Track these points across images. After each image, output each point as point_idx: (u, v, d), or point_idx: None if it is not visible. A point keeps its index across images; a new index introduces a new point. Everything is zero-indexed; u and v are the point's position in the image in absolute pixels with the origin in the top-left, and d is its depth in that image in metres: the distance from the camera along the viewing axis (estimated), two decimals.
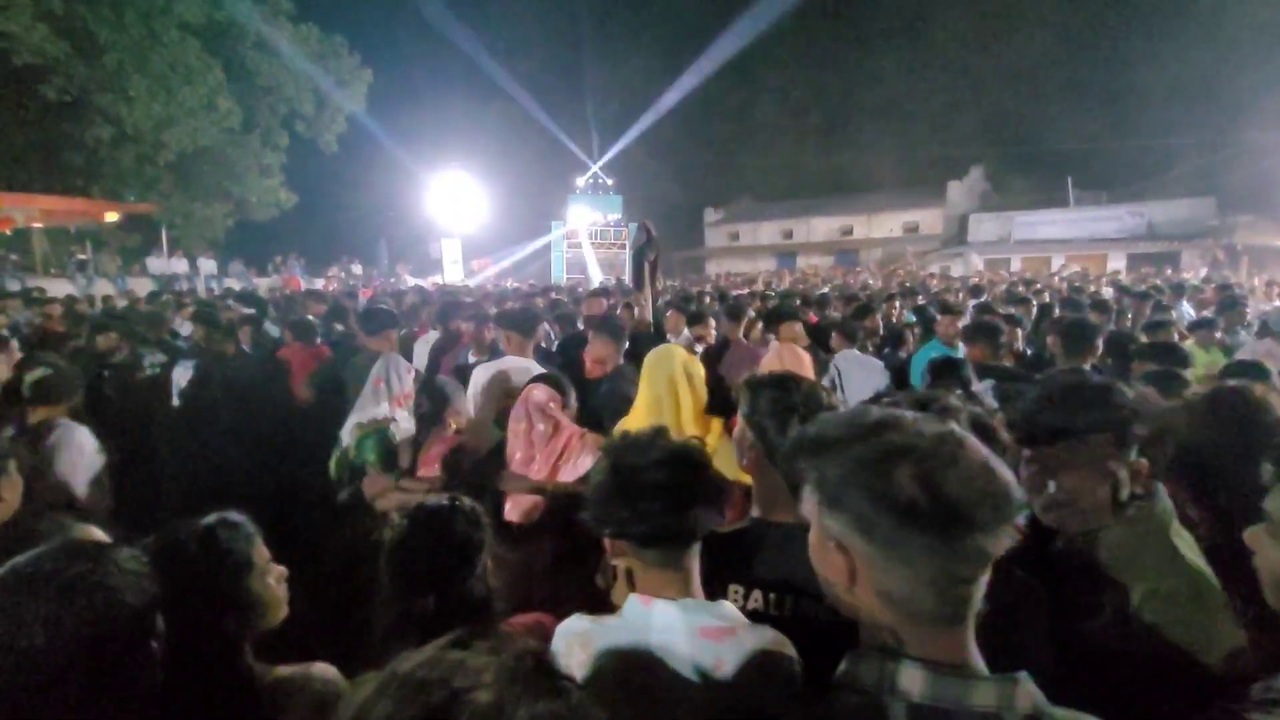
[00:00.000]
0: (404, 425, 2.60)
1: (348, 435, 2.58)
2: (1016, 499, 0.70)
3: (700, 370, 2.24)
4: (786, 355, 2.60)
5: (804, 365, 2.52)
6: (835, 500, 0.73)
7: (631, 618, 0.99)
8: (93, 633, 0.77)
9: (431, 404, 2.57)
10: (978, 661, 0.73)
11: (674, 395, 2.10)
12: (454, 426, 2.56)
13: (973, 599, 0.71)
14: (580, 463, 2.18)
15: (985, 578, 0.71)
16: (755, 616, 1.15)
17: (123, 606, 0.81)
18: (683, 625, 0.96)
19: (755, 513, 1.33)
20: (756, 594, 1.17)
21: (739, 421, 1.40)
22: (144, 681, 0.83)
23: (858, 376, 3.73)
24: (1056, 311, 5.67)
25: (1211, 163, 26.40)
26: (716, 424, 2.14)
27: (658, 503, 0.99)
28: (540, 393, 2.30)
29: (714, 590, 1.12)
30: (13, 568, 0.80)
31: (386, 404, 2.59)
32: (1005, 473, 0.70)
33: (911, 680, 0.70)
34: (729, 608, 1.03)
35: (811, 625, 1.14)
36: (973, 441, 0.72)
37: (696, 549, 1.06)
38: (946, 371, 2.53)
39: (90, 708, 0.78)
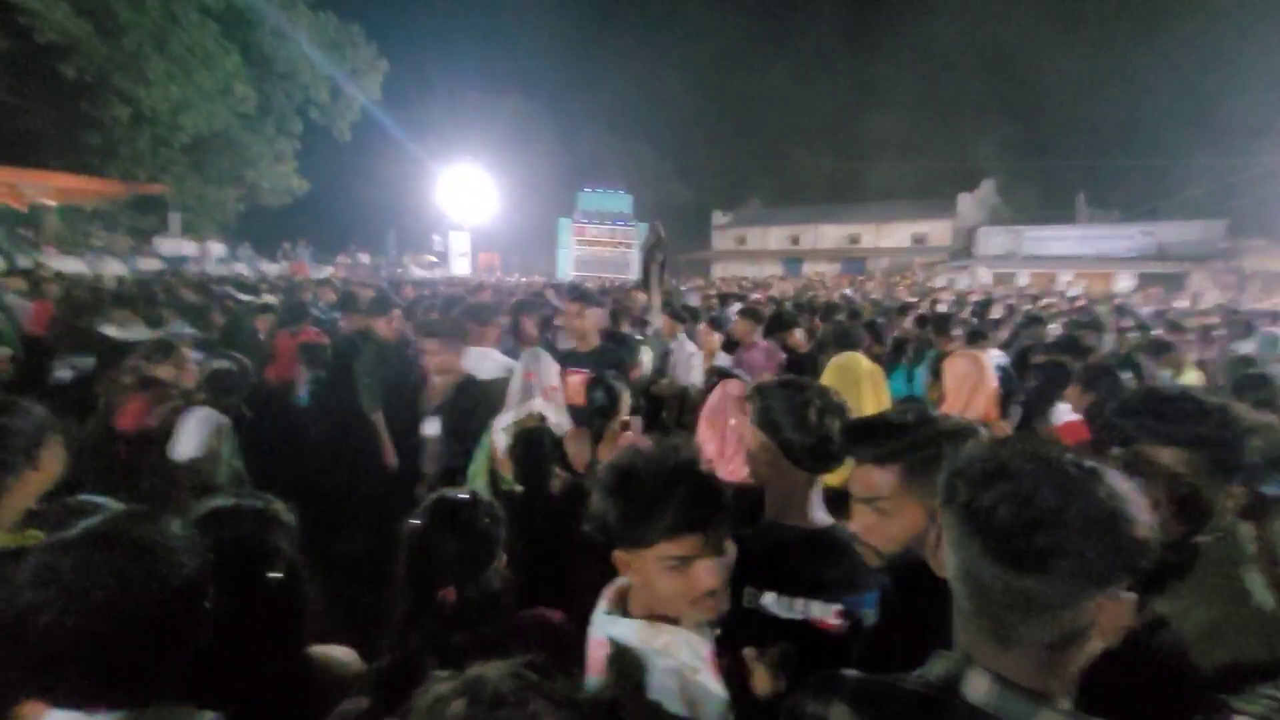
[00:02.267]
0: (551, 419, 2.49)
1: (502, 433, 2.47)
2: (1110, 563, 0.64)
3: (883, 378, 2.40)
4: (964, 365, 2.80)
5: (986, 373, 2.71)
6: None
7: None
8: (158, 588, 0.84)
9: (607, 399, 2.35)
10: (1058, 691, 0.70)
11: (858, 400, 2.15)
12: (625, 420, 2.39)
13: (1027, 630, 0.68)
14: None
15: (1058, 623, 0.66)
16: (766, 619, 1.19)
17: (182, 567, 0.88)
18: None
19: (769, 516, 1.36)
20: (769, 596, 1.20)
21: (748, 429, 1.42)
22: (198, 637, 0.91)
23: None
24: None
25: (1224, 186, 26.29)
26: None
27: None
28: (736, 386, 2.22)
29: (732, 591, 1.14)
30: (85, 528, 0.86)
31: (539, 398, 2.50)
32: (1122, 533, 0.64)
33: (978, 687, 0.71)
34: None
35: (822, 628, 1.17)
36: (1108, 494, 0.65)
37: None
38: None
39: (150, 658, 0.85)
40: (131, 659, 0.84)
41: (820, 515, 1.35)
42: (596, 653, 1.04)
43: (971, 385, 2.93)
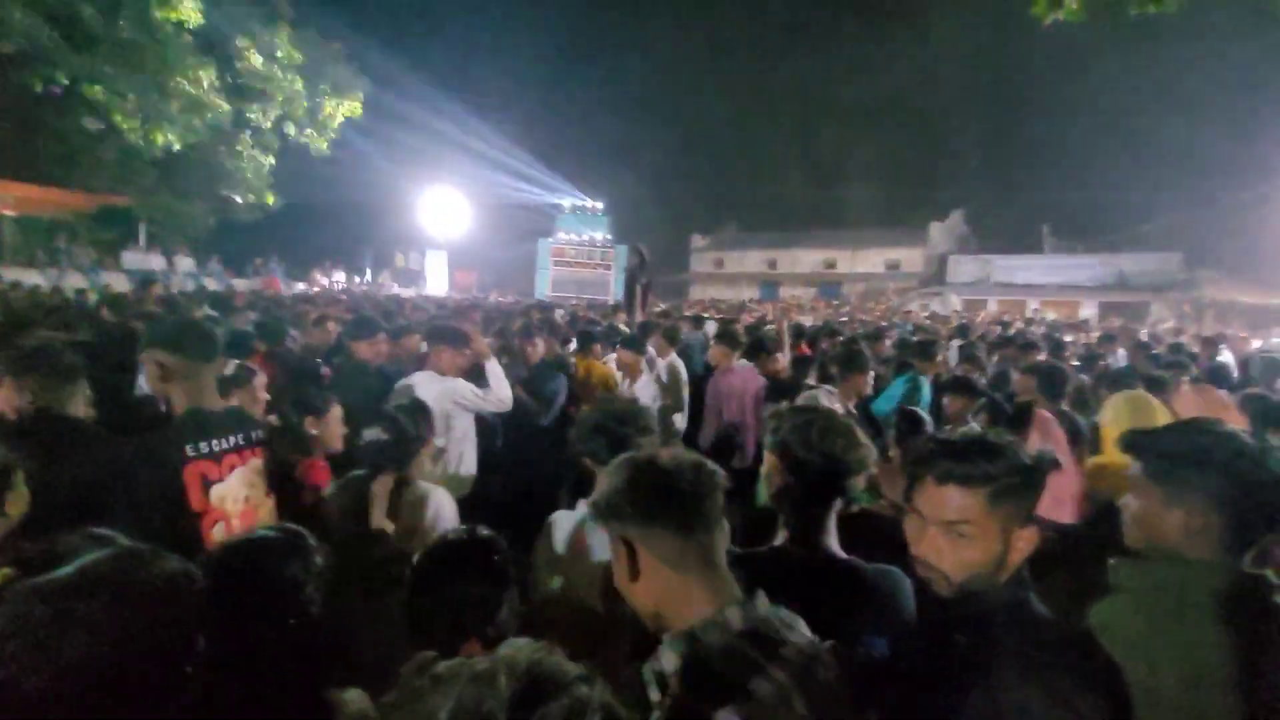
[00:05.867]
0: None
1: None
2: None
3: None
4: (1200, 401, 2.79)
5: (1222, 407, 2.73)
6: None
7: None
8: (139, 645, 0.75)
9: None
10: None
11: None
12: None
13: None
14: None
15: None
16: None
17: (170, 619, 0.79)
18: None
19: (779, 540, 1.35)
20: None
21: (767, 454, 1.43)
22: (181, 697, 0.81)
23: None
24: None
25: (1180, 219, 27.53)
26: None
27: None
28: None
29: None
30: (68, 571, 0.77)
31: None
32: None
33: None
34: None
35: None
36: None
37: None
38: None
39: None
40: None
41: (833, 544, 1.34)
42: None
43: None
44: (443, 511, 1.97)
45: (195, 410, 1.69)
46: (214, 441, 1.67)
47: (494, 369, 3.14)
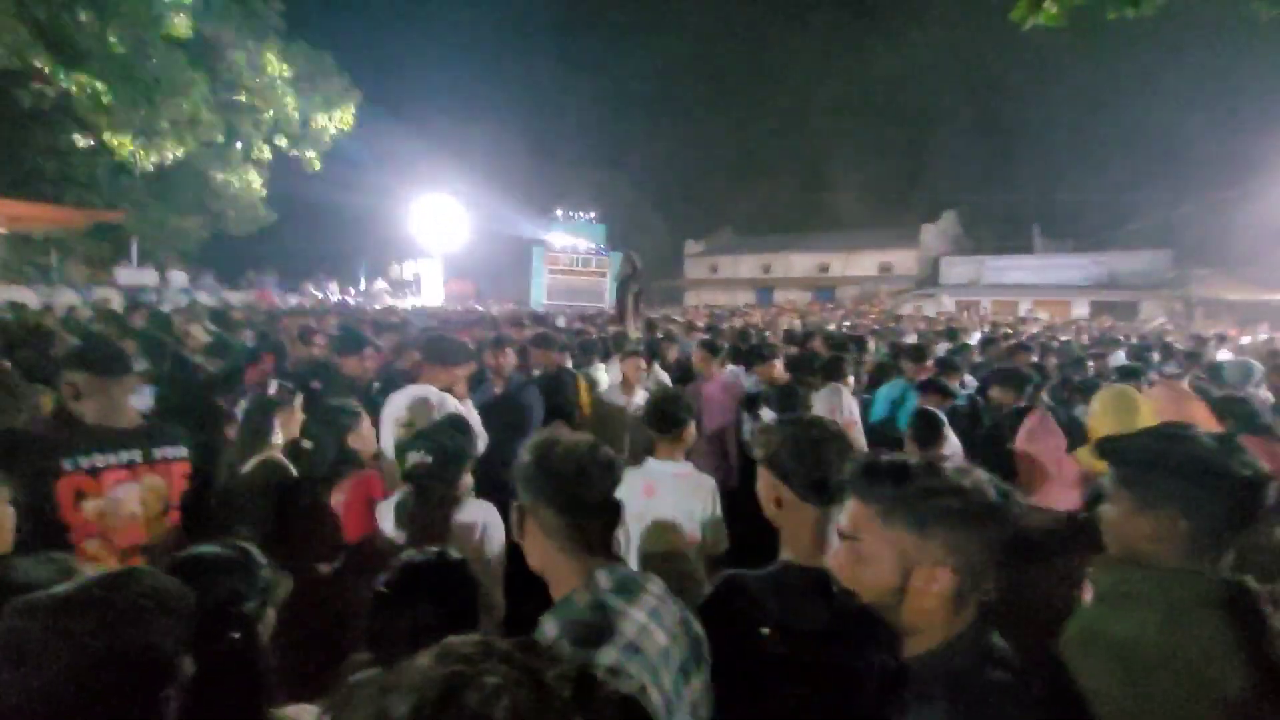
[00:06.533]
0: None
1: None
2: None
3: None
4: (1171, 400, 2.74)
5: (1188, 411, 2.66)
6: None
7: None
8: (130, 663, 0.77)
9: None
10: None
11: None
12: None
13: None
14: None
15: None
16: (785, 661, 1.13)
17: (161, 638, 0.79)
18: None
19: (785, 556, 1.32)
20: (788, 639, 1.14)
21: (760, 469, 1.40)
22: (167, 713, 0.81)
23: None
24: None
25: (1170, 217, 27.74)
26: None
27: None
28: None
29: (745, 632, 1.10)
30: (63, 590, 0.78)
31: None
32: None
33: None
34: None
35: (843, 671, 1.12)
36: None
37: None
38: None
39: None
40: None
41: None
42: None
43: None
44: (490, 531, 1.93)
45: (86, 427, 1.74)
46: (96, 458, 1.72)
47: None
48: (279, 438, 2.27)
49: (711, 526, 2.24)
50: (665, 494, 2.20)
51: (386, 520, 1.96)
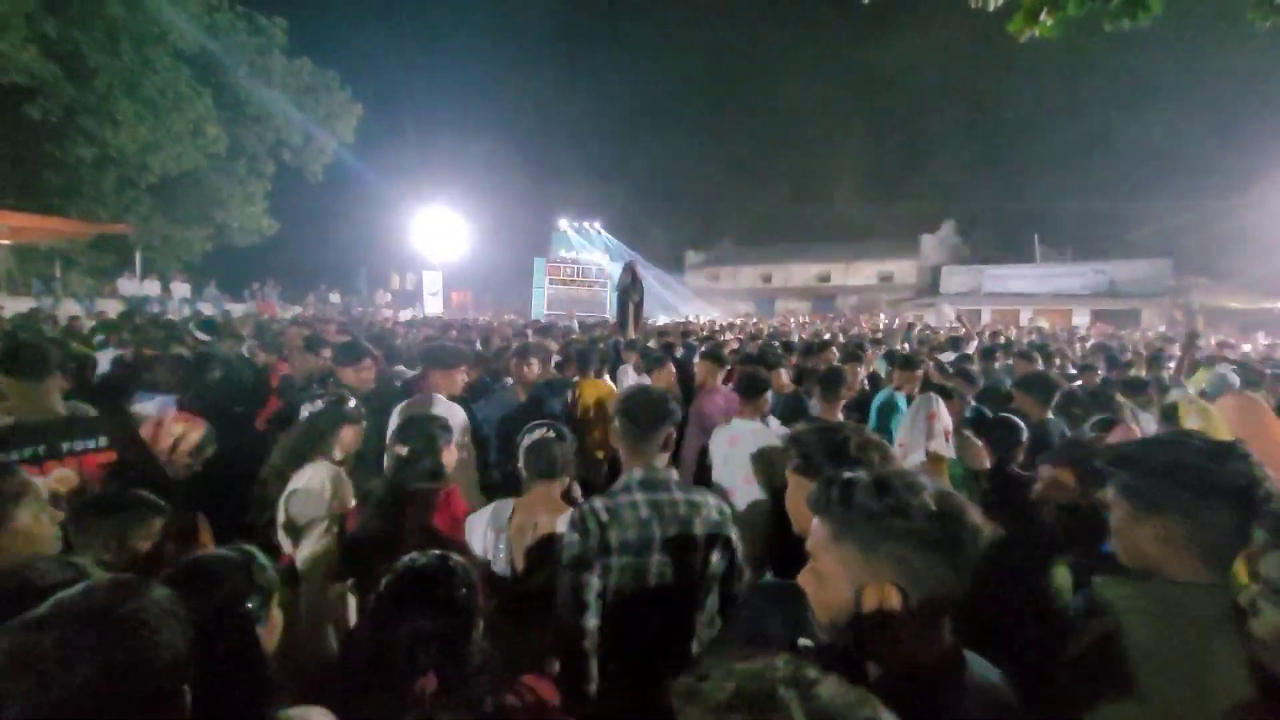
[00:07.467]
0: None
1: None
2: None
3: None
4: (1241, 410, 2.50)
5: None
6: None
7: None
8: (141, 674, 0.76)
9: None
10: None
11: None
12: None
13: None
14: None
15: None
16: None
17: (168, 646, 0.79)
18: None
19: None
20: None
21: (792, 478, 1.37)
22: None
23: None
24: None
25: (1170, 226, 27.79)
26: None
27: None
28: None
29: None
30: (60, 602, 0.77)
31: (942, 439, 2.54)
32: None
33: None
34: None
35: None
36: None
37: None
38: None
39: None
40: None
41: None
42: None
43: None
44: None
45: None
46: (11, 454, 1.80)
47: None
48: (338, 453, 2.29)
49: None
50: (744, 443, 2.85)
51: (475, 535, 1.99)
